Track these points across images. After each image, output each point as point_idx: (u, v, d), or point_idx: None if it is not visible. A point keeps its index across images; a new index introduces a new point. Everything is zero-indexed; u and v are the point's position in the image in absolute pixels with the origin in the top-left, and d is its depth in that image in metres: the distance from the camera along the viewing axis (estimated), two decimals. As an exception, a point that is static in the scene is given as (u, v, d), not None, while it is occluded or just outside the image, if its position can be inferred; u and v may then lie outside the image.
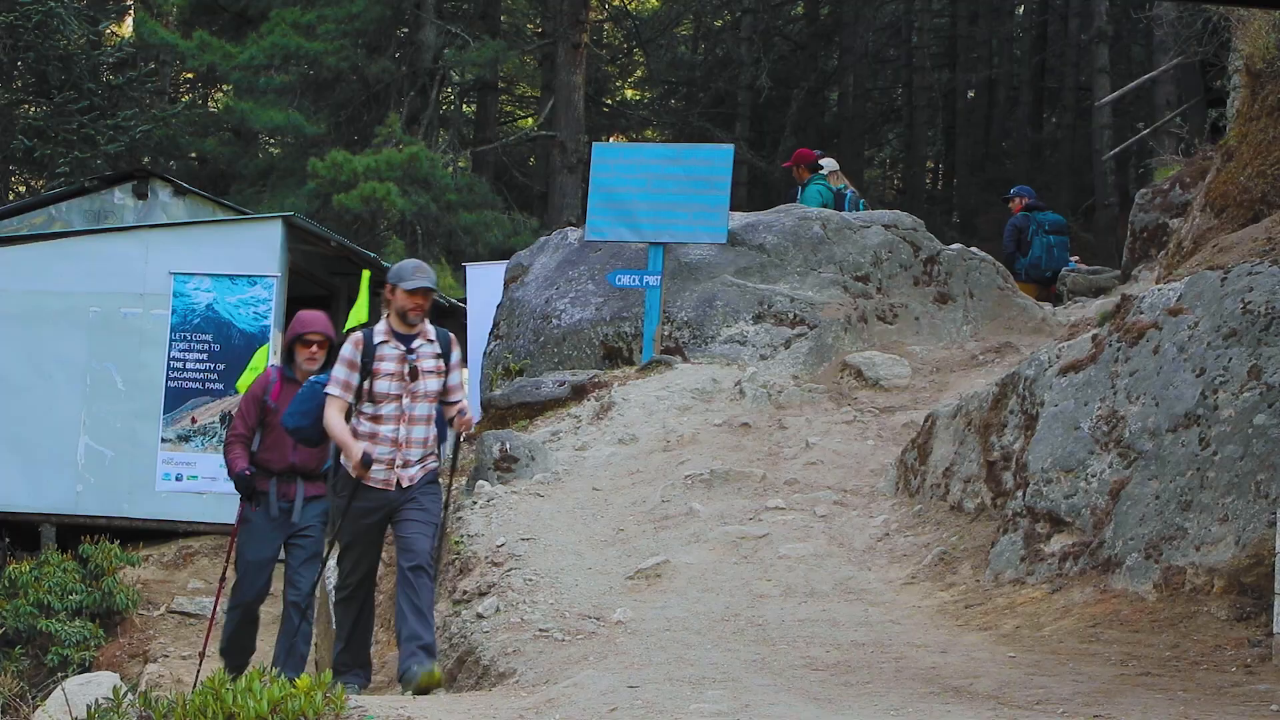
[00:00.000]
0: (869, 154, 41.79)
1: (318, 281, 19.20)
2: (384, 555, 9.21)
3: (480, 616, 9.28)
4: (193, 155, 32.59)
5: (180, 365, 16.79)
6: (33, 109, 28.46)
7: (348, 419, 8.61)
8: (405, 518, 8.45)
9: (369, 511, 8.51)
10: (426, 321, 8.64)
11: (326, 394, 8.51)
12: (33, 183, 30.22)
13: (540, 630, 8.75)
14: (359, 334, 8.52)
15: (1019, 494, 9.36)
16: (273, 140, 33.97)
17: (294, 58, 28.44)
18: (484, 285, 17.88)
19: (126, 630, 15.06)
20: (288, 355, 9.95)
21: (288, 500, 9.91)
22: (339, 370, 8.50)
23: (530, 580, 9.47)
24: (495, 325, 15.97)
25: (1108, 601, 8.16)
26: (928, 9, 38.13)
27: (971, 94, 39.43)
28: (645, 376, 13.93)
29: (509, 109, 41.92)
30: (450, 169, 29.09)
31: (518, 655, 8.39)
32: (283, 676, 7.90)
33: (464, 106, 37.66)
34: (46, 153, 26.60)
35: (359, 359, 8.43)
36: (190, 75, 35.95)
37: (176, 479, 16.65)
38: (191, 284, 16.88)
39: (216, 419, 16.66)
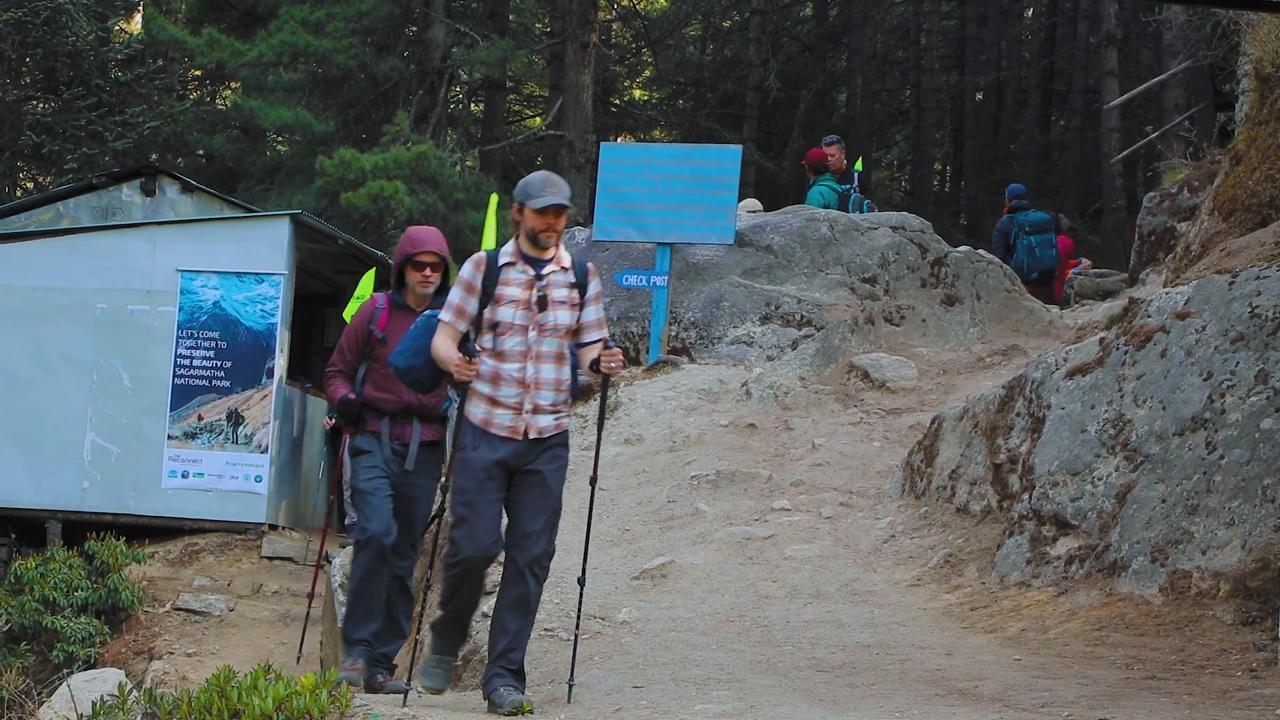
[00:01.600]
0: (877, 155, 41.76)
1: (325, 279, 19.20)
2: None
3: (485, 616, 9.27)
4: (200, 152, 32.59)
5: (187, 362, 16.78)
6: (41, 105, 28.46)
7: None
8: (523, 496, 7.20)
9: (490, 465, 7.18)
10: (562, 247, 7.37)
11: (439, 321, 7.31)
12: (40, 179, 30.24)
13: (545, 630, 8.75)
14: (482, 254, 7.36)
15: (1025, 497, 9.35)
16: (281, 138, 33.97)
17: (302, 55, 28.44)
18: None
19: (132, 627, 15.07)
20: (398, 279, 8.74)
21: (402, 443, 8.55)
22: (455, 294, 7.30)
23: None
24: (502, 324, 15.97)
25: (1113, 605, 8.15)
26: (936, 11, 38.15)
27: (979, 96, 39.41)
28: (652, 377, 13.95)
29: (517, 108, 41.92)
30: (458, 168, 29.08)
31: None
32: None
33: (472, 105, 37.67)
34: (54, 149, 26.61)
35: (479, 281, 7.20)
36: (199, 72, 35.97)
37: (183, 476, 16.64)
38: (199, 281, 16.87)
39: (223, 416, 16.66)
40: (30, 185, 30.94)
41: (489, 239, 12.90)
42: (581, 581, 7.53)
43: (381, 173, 25.71)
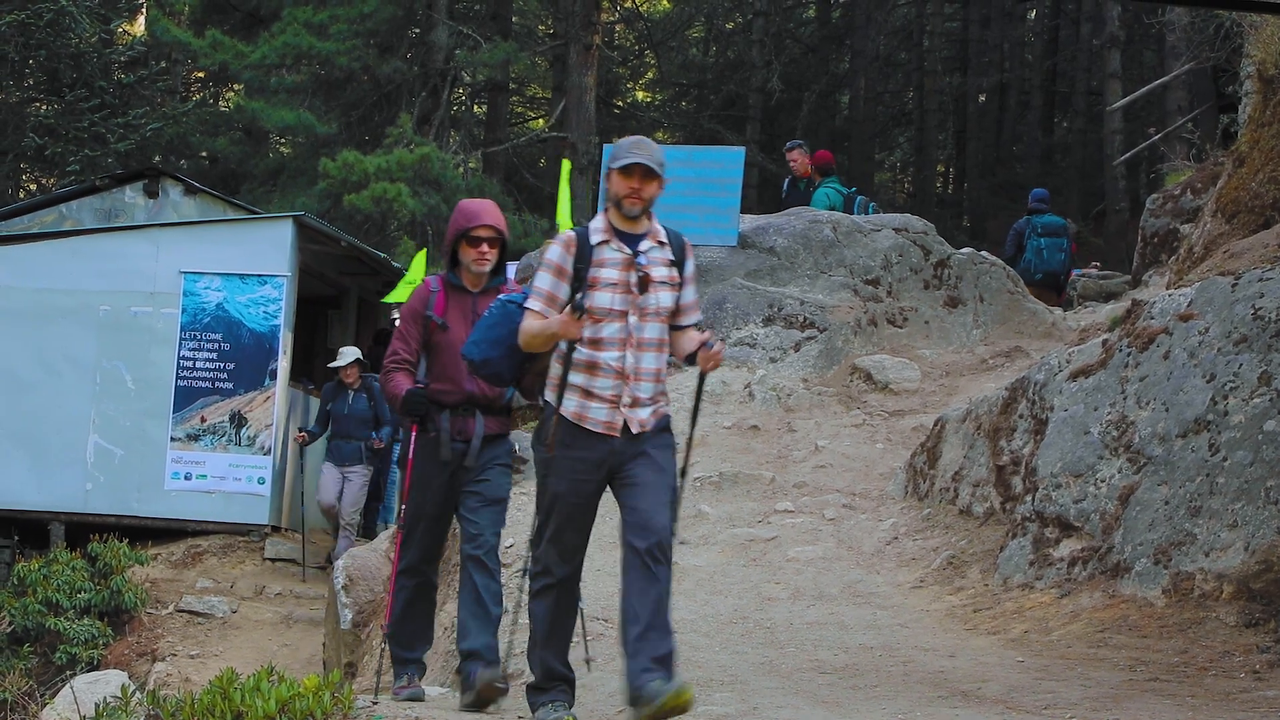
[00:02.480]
0: (880, 157, 41.79)
1: (328, 281, 19.22)
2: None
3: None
4: (204, 154, 32.63)
5: (190, 364, 16.80)
6: (44, 107, 28.49)
7: (539, 357, 6.82)
8: (635, 479, 6.45)
9: (584, 466, 6.45)
10: (655, 219, 6.66)
11: (525, 309, 6.55)
12: (43, 181, 30.27)
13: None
14: (570, 233, 6.62)
15: (1028, 498, 9.35)
16: (284, 140, 34.01)
17: (305, 57, 28.45)
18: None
19: (135, 629, 15.07)
20: (451, 258, 7.80)
21: (463, 439, 7.67)
22: (542, 279, 6.53)
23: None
24: (505, 326, 15.94)
25: (1116, 606, 8.15)
26: (939, 13, 38.14)
27: (982, 98, 39.44)
28: (654, 378, 13.92)
29: (520, 110, 41.95)
30: (461, 170, 29.09)
31: (522, 657, 8.35)
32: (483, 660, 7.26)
33: (475, 107, 37.71)
34: (57, 151, 26.63)
35: (570, 264, 6.47)
36: (202, 74, 35.97)
37: (186, 478, 16.65)
38: (202, 283, 16.88)
39: (226, 418, 16.67)
40: (33, 187, 30.97)
41: (564, 213, 12.48)
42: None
43: (384, 175, 25.73)
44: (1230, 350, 8.42)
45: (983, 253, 16.58)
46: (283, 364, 16.74)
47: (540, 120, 38.40)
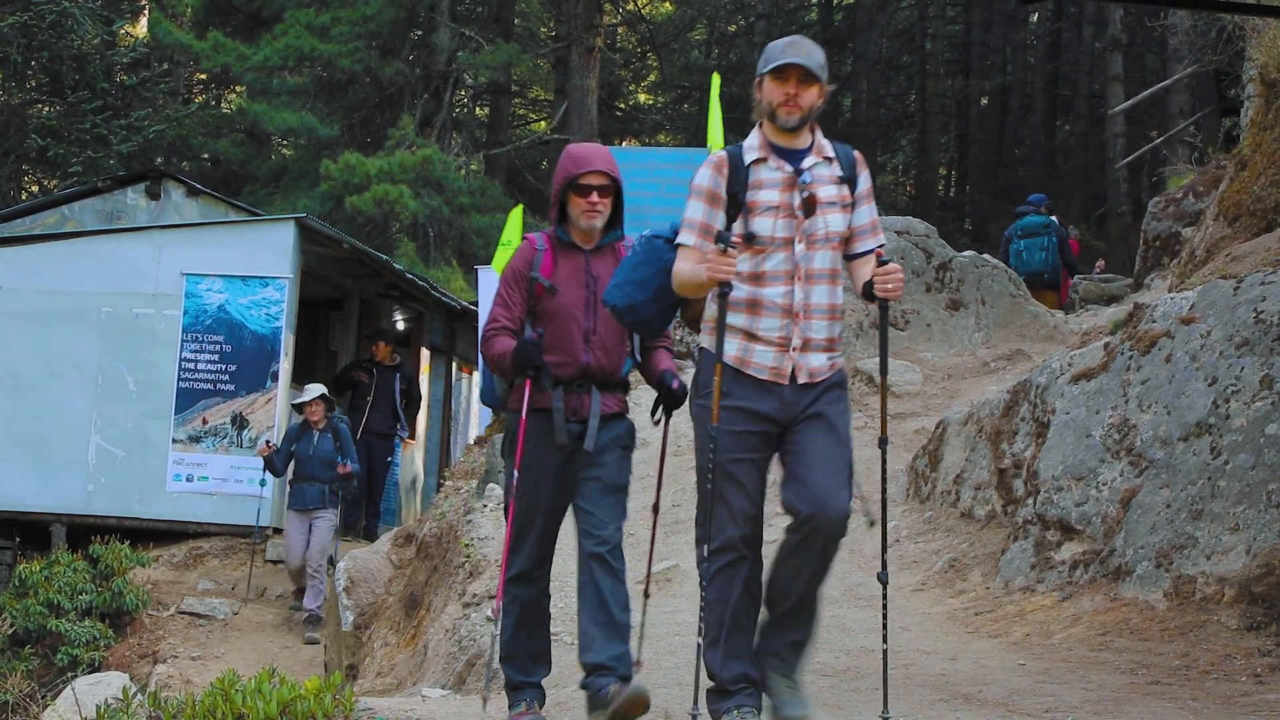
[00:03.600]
0: (882, 160, 41.79)
1: (330, 283, 19.22)
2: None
3: (490, 619, 9.27)
4: (206, 156, 32.67)
5: (192, 366, 16.81)
6: (46, 109, 28.53)
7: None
8: (808, 441, 5.59)
9: (748, 418, 5.58)
10: (819, 131, 5.81)
11: (678, 245, 5.76)
12: (46, 182, 30.31)
13: (550, 634, 8.73)
14: (720, 153, 5.82)
15: (1030, 501, 9.34)
16: (286, 142, 34.06)
17: (308, 59, 28.51)
18: (495, 288, 17.89)
19: (136, 630, 15.07)
20: (560, 212, 6.75)
21: (579, 419, 6.52)
22: (693, 208, 5.73)
23: (539, 583, 9.42)
24: (506, 328, 15.92)
25: (1118, 610, 8.14)
26: (941, 15, 38.17)
27: (985, 101, 39.45)
28: (656, 380, 13.92)
29: (522, 112, 41.99)
30: (463, 172, 29.14)
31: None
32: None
33: (477, 109, 37.73)
34: (59, 152, 26.66)
35: (723, 188, 5.67)
36: (204, 76, 36.06)
37: (187, 480, 16.66)
38: (204, 285, 16.89)
39: (228, 420, 16.68)
40: (35, 189, 31.00)
41: (715, 132, 11.60)
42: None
43: (386, 176, 25.78)
44: (1232, 353, 8.41)
45: (985, 256, 16.58)
46: (284, 366, 16.75)
47: (542, 122, 38.47)
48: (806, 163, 5.65)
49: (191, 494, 16.65)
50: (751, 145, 5.71)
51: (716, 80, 11.94)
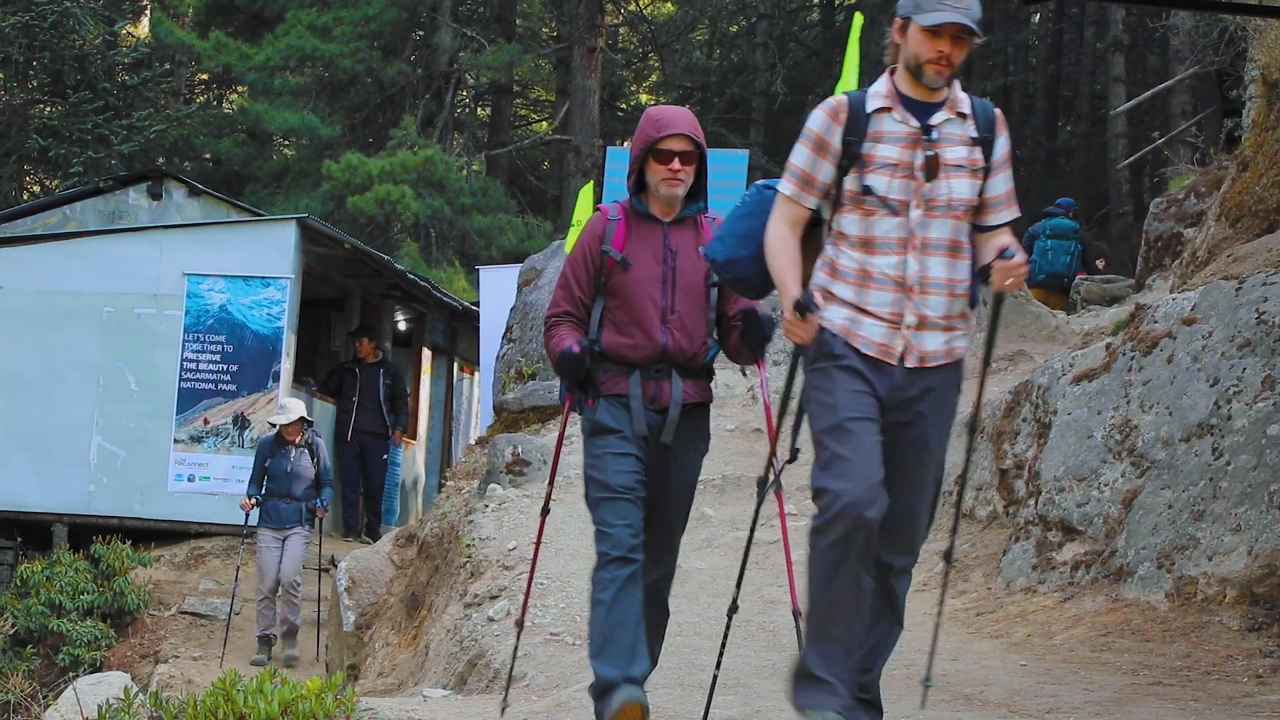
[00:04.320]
0: (883, 160, 41.72)
1: (332, 284, 19.22)
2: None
3: (491, 620, 9.27)
4: (207, 156, 32.66)
5: (193, 366, 16.81)
6: (48, 109, 28.52)
7: (809, 241, 5.19)
8: (906, 448, 5.14)
9: (857, 380, 5.00)
10: (957, 86, 5.13)
11: (777, 193, 5.19)
12: (47, 182, 30.30)
13: (551, 634, 8.74)
14: (840, 97, 5.26)
15: (1031, 502, 9.34)
16: (287, 142, 34.05)
17: (309, 59, 28.52)
18: (497, 289, 17.91)
19: (137, 630, 15.09)
20: (637, 180, 6.06)
21: (657, 407, 5.98)
22: (798, 154, 5.13)
23: (541, 584, 9.43)
24: (508, 329, 15.97)
25: (1119, 610, 8.14)
26: (943, 16, 38.09)
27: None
28: (657, 381, 13.91)
29: (523, 112, 41.98)
30: (464, 172, 29.14)
31: (528, 659, 8.34)
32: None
33: (479, 110, 37.73)
34: (61, 152, 26.66)
35: (836, 137, 5.08)
36: (205, 76, 36.04)
37: (189, 480, 16.67)
38: (205, 285, 16.90)
39: (229, 420, 16.68)
40: (37, 189, 31.00)
41: (850, 74, 10.58)
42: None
43: (388, 177, 25.79)
44: (1234, 354, 8.41)
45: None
46: (286, 366, 16.75)
47: (544, 123, 38.46)
48: (936, 119, 5.02)
49: (193, 494, 16.66)
50: (877, 92, 5.10)
51: (859, 20, 11.52)
